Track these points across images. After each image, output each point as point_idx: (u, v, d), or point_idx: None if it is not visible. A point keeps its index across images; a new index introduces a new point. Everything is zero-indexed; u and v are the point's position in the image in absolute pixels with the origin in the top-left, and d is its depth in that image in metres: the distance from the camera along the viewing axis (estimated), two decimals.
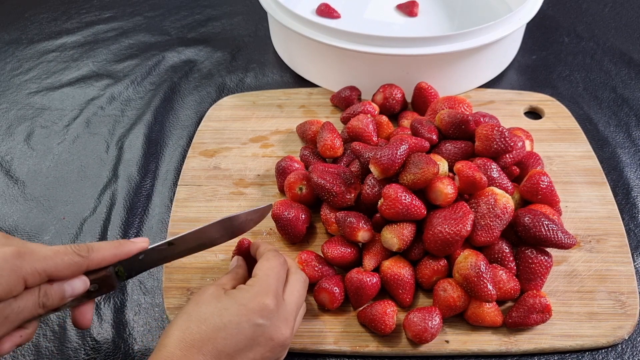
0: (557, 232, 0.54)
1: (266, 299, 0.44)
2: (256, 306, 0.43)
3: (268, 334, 0.43)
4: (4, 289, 0.38)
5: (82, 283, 0.43)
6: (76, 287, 0.43)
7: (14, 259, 0.39)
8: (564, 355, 0.54)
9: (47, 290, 0.41)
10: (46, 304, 0.41)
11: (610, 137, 0.75)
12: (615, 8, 1.00)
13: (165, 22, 1.02)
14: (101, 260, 0.44)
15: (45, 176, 0.74)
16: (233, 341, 0.42)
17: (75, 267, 0.42)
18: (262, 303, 0.43)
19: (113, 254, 0.45)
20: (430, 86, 0.73)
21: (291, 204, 0.62)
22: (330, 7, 0.93)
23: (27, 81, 0.89)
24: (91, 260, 0.43)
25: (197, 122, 0.80)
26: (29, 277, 0.39)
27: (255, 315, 0.43)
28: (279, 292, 0.46)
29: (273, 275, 0.47)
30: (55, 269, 0.41)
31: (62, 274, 0.41)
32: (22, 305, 0.40)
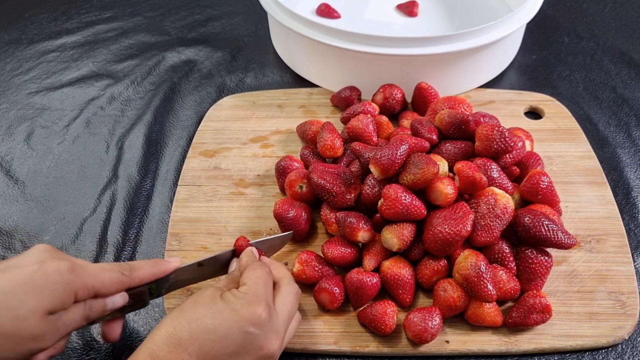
0: (557, 232, 0.54)
1: (258, 308, 0.43)
2: (249, 314, 0.43)
3: (258, 343, 0.43)
4: (60, 302, 0.41)
5: (122, 298, 0.46)
6: (117, 301, 0.46)
7: (68, 274, 0.42)
8: (564, 355, 0.54)
9: (92, 304, 0.44)
10: (90, 317, 0.44)
11: (610, 137, 0.75)
12: (615, 8, 1.00)
13: (165, 22, 1.02)
14: (142, 278, 0.48)
15: (45, 176, 0.74)
16: (220, 346, 0.41)
17: (120, 284, 0.46)
18: (255, 312, 0.43)
19: (152, 273, 0.49)
20: (430, 86, 0.73)
21: (293, 203, 0.62)
22: (330, 7, 0.93)
23: (27, 81, 0.89)
24: (133, 279, 0.47)
25: (197, 122, 0.80)
26: (80, 291, 0.43)
27: (247, 323, 0.42)
28: (270, 301, 0.46)
29: (262, 283, 0.46)
30: (102, 286, 0.44)
31: (107, 291, 0.45)
32: (72, 317, 0.43)
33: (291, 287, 0.49)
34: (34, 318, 0.40)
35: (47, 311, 0.41)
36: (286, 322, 0.47)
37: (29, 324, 0.40)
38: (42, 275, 0.41)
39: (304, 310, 0.57)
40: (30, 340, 0.40)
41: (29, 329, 0.40)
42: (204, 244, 0.63)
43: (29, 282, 0.41)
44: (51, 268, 0.42)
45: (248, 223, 0.65)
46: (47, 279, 0.41)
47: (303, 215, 0.61)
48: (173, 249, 0.63)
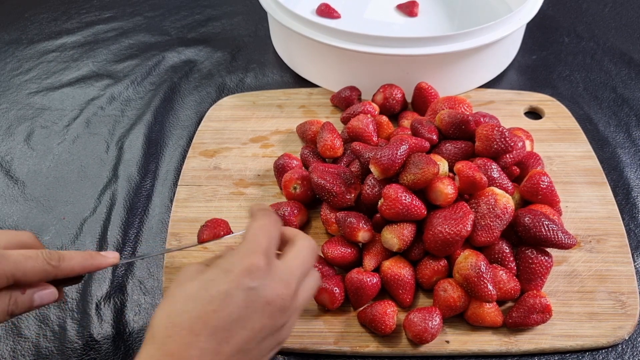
0: (557, 232, 0.54)
1: (254, 258, 0.38)
2: (244, 268, 0.38)
3: (263, 297, 0.38)
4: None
5: (51, 295, 0.44)
6: (45, 298, 0.43)
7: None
8: (564, 355, 0.54)
9: (17, 299, 0.41)
10: (14, 312, 0.41)
11: (610, 137, 0.75)
12: (615, 8, 1.00)
13: (165, 22, 1.02)
14: (70, 270, 0.44)
15: (45, 176, 0.74)
16: (225, 313, 0.37)
17: (44, 274, 0.42)
18: (250, 263, 0.38)
19: (82, 266, 0.45)
20: (430, 86, 0.73)
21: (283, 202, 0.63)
22: (330, 7, 0.93)
23: (27, 81, 0.89)
24: (60, 270, 0.43)
25: (197, 122, 0.80)
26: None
27: (244, 278, 0.38)
28: (271, 250, 0.40)
29: (262, 233, 0.41)
30: (23, 274, 0.41)
31: (29, 279, 0.41)
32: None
33: (306, 242, 0.44)
34: None
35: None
36: (297, 274, 0.41)
37: None
38: None
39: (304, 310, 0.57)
40: None
41: None
42: (204, 244, 0.63)
43: None
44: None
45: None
46: None
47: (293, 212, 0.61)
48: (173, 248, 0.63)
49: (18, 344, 0.56)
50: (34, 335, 0.57)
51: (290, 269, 0.41)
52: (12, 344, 0.56)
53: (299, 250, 0.43)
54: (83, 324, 0.58)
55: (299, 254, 0.43)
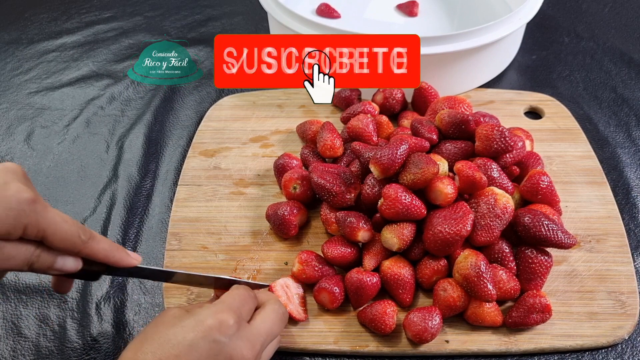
0: (557, 232, 0.54)
1: (225, 316, 0.41)
2: (214, 322, 0.41)
3: (227, 353, 0.40)
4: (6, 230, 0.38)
5: (74, 264, 0.43)
6: (67, 264, 0.43)
7: (27, 205, 0.39)
8: (564, 355, 0.54)
9: (41, 254, 0.41)
10: (34, 265, 0.41)
11: (610, 137, 0.75)
12: (615, 8, 1.00)
13: (165, 22, 1.02)
14: (94, 252, 0.44)
15: (45, 176, 0.74)
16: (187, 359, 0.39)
17: (70, 244, 0.42)
18: (221, 319, 0.41)
19: (105, 254, 0.45)
20: (430, 86, 0.73)
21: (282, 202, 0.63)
22: (330, 7, 0.93)
23: (27, 81, 0.89)
24: (87, 247, 0.43)
25: (197, 122, 0.80)
26: (30, 228, 0.39)
27: (213, 331, 0.40)
28: (242, 313, 0.43)
29: (238, 299, 0.44)
30: (53, 234, 0.40)
31: (56, 242, 0.41)
32: (13, 253, 0.39)
33: (276, 307, 0.47)
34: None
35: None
36: (262, 336, 0.44)
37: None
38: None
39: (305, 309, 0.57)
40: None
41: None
42: (204, 244, 0.63)
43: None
44: (12, 191, 0.38)
45: (248, 223, 0.65)
46: (2, 200, 0.38)
47: (293, 211, 0.61)
48: (173, 248, 0.63)
49: (18, 344, 0.56)
50: (34, 335, 0.57)
51: (257, 331, 0.44)
52: (12, 343, 0.56)
53: (268, 314, 0.46)
54: (83, 324, 0.58)
55: (267, 318, 0.45)
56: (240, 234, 0.64)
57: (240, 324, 0.42)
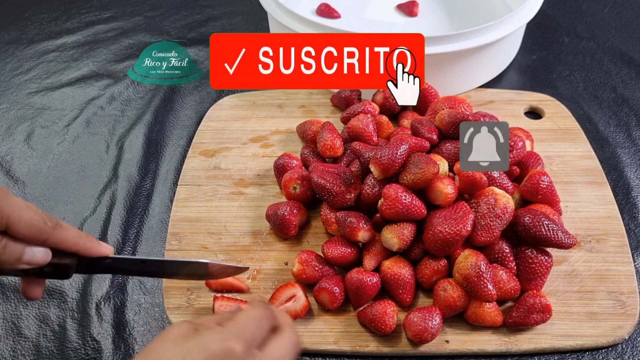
0: (557, 232, 0.54)
1: (235, 344, 0.38)
2: (220, 350, 0.37)
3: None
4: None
5: (44, 254, 0.41)
6: (37, 255, 0.41)
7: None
8: (564, 355, 0.54)
9: (8, 244, 0.39)
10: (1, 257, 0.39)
11: (610, 137, 0.75)
12: (615, 8, 1.00)
13: (165, 22, 1.02)
14: (62, 240, 0.42)
15: (45, 176, 0.74)
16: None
17: (36, 230, 0.40)
18: (228, 347, 0.37)
19: (75, 242, 0.43)
20: (430, 86, 0.73)
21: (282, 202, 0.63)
22: (330, 7, 0.93)
23: (27, 81, 0.89)
24: (53, 235, 0.41)
25: (197, 122, 0.80)
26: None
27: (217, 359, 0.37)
28: (254, 341, 0.40)
29: (253, 322, 0.41)
30: (17, 220, 0.39)
31: (20, 230, 0.39)
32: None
33: (291, 335, 0.43)
34: None
35: None
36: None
37: None
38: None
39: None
40: None
41: None
42: (204, 244, 0.63)
43: None
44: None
45: (248, 223, 0.65)
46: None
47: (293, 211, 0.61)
48: (173, 248, 0.63)
49: (18, 344, 0.56)
50: (34, 335, 0.57)
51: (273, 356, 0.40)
52: (12, 343, 0.56)
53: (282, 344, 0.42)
54: (83, 324, 0.58)
55: (280, 347, 0.42)
56: (240, 234, 0.64)
57: (249, 352, 0.39)
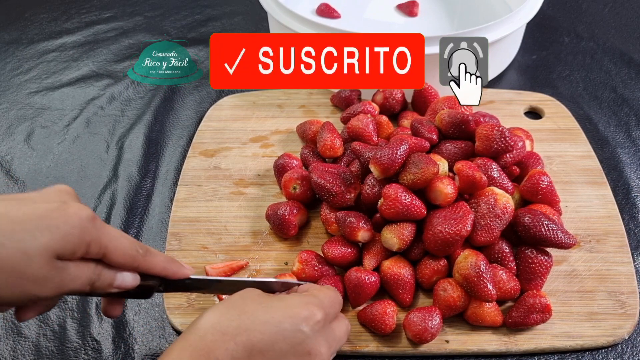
0: (557, 232, 0.54)
1: (316, 310, 0.41)
2: (305, 312, 0.40)
3: (307, 345, 0.40)
4: (71, 248, 0.37)
5: (132, 278, 0.43)
6: (126, 280, 0.42)
7: (88, 222, 0.38)
8: (564, 355, 0.54)
9: (102, 271, 0.41)
10: (95, 284, 0.40)
11: (610, 137, 0.75)
12: (615, 8, 1.00)
13: (165, 22, 1.02)
14: (151, 266, 0.44)
15: (45, 176, 0.74)
16: (270, 338, 0.39)
17: (129, 258, 0.42)
18: (312, 312, 0.41)
19: (163, 267, 0.45)
20: (430, 86, 0.73)
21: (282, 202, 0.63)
22: (330, 7, 0.93)
23: (27, 81, 0.89)
24: (145, 261, 0.43)
25: (197, 122, 0.80)
26: (92, 245, 0.39)
27: (300, 320, 0.40)
28: (329, 315, 0.43)
29: (329, 299, 0.44)
30: (114, 250, 0.40)
31: (116, 258, 0.41)
32: (78, 273, 0.39)
33: (346, 320, 0.48)
34: (41, 258, 0.36)
35: (56, 254, 0.37)
36: (337, 345, 0.44)
37: (34, 262, 0.36)
38: (60, 214, 0.37)
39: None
40: (31, 282, 0.36)
41: (33, 268, 0.36)
42: (204, 244, 0.63)
43: (44, 217, 0.37)
44: (72, 210, 0.38)
45: (248, 223, 0.65)
46: (65, 220, 0.37)
47: (293, 211, 0.61)
48: (173, 248, 0.63)
49: (18, 344, 0.56)
50: (34, 335, 0.57)
51: (335, 336, 0.44)
52: (12, 343, 0.56)
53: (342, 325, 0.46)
54: (83, 324, 0.58)
55: (342, 327, 0.45)
56: (240, 234, 0.64)
57: (326, 321, 0.42)
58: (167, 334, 0.57)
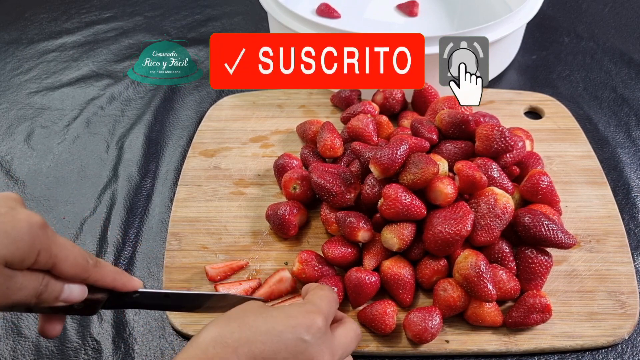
0: (557, 232, 0.54)
1: (317, 318, 0.41)
2: (305, 321, 0.40)
3: (310, 353, 0.40)
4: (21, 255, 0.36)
5: (80, 291, 0.41)
6: (74, 292, 0.41)
7: (38, 229, 0.37)
8: (564, 355, 0.54)
9: (50, 282, 0.39)
10: (42, 295, 0.39)
11: (610, 137, 0.75)
12: (615, 8, 1.00)
13: (165, 22, 1.02)
14: (101, 277, 0.42)
15: (45, 176, 0.74)
16: (272, 348, 0.39)
17: (80, 269, 0.40)
18: (312, 320, 0.41)
19: (112, 278, 0.43)
20: (430, 86, 0.73)
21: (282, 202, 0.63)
22: (330, 7, 0.93)
23: (27, 81, 0.89)
24: (95, 272, 0.42)
25: (197, 122, 0.80)
26: (42, 254, 0.37)
27: (302, 329, 0.40)
28: (329, 318, 0.43)
29: (326, 301, 0.44)
30: (64, 260, 0.39)
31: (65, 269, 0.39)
32: (25, 283, 0.37)
33: (355, 326, 0.47)
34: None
35: (5, 261, 0.35)
36: (342, 351, 0.43)
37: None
38: (9, 219, 0.36)
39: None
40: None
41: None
42: (204, 244, 0.63)
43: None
44: (22, 216, 0.36)
45: (248, 223, 0.65)
46: (15, 226, 0.35)
47: (293, 211, 0.61)
48: (173, 248, 0.63)
49: (18, 344, 0.56)
50: (34, 335, 0.57)
51: (339, 342, 0.43)
52: (12, 343, 0.56)
53: (349, 331, 0.45)
54: (83, 324, 0.58)
55: (348, 334, 0.45)
56: (240, 234, 0.64)
57: (327, 328, 0.42)
58: (167, 334, 0.57)
